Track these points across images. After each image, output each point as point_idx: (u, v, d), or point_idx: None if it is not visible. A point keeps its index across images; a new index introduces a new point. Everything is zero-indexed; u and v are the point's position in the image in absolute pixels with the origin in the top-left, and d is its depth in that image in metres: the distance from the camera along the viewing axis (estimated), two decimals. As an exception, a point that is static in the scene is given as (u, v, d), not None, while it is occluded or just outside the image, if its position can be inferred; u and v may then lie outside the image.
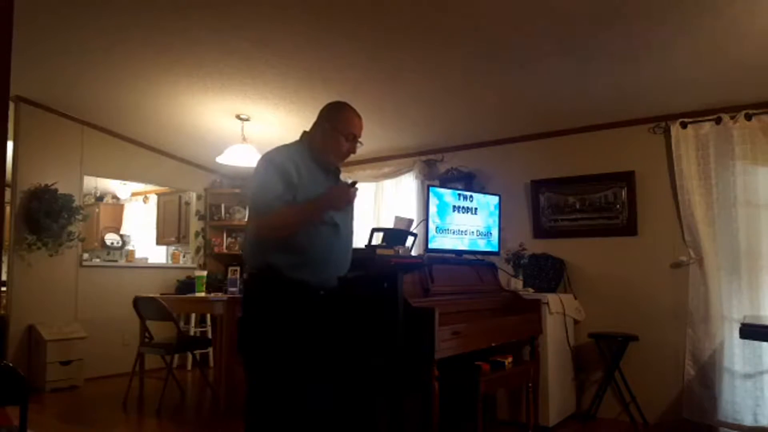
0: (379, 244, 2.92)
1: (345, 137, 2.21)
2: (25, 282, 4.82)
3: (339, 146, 2.22)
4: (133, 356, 4.47)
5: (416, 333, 2.51)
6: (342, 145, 2.22)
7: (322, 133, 2.22)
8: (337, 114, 2.25)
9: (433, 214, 3.44)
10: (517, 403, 3.71)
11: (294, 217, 2.05)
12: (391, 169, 5.35)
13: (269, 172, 2.06)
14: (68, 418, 4.06)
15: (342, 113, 2.25)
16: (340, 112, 2.26)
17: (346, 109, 2.27)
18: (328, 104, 2.30)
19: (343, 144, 2.22)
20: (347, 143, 2.23)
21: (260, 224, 2.06)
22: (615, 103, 3.94)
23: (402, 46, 3.38)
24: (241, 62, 3.72)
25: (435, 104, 4.26)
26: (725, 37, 2.98)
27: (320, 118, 2.26)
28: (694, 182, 3.82)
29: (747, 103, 3.68)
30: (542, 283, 4.23)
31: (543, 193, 4.51)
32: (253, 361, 2.09)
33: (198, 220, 6.48)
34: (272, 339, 2.03)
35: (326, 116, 2.25)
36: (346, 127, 2.22)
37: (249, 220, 2.16)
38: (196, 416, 4.29)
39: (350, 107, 2.28)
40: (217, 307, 4.26)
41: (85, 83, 4.38)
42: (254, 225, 2.09)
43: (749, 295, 3.60)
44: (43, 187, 4.88)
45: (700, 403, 3.68)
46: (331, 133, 2.20)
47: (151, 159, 5.85)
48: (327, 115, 2.25)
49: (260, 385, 2.07)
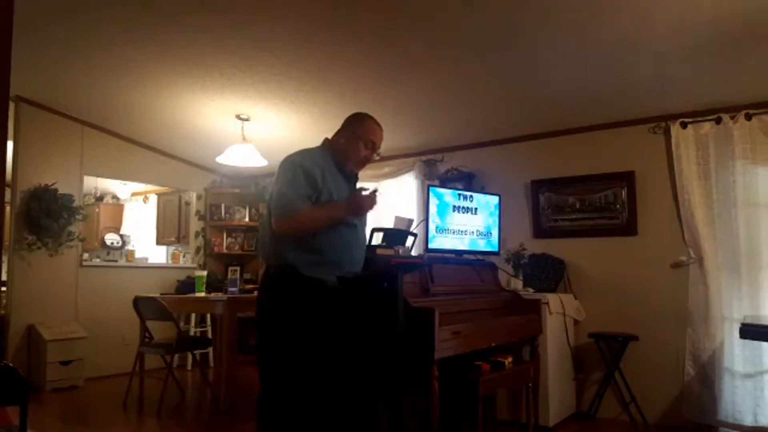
0: (379, 244, 2.92)
1: (364, 143, 2.34)
2: (25, 282, 4.82)
3: (357, 152, 2.34)
4: (133, 356, 4.47)
5: (416, 333, 2.51)
6: (360, 151, 2.34)
7: (345, 140, 2.35)
8: (360, 122, 2.39)
9: (433, 214, 3.44)
10: (517, 403, 3.70)
11: (320, 218, 2.17)
12: (391, 169, 5.35)
13: (297, 173, 2.16)
14: (68, 418, 4.06)
15: (364, 121, 2.39)
16: (362, 120, 2.40)
17: (367, 119, 2.41)
18: (352, 114, 2.43)
19: (362, 150, 2.34)
20: (365, 150, 2.35)
21: (285, 222, 2.14)
22: (615, 103, 3.95)
23: (402, 46, 3.38)
24: (241, 62, 3.72)
25: (435, 104, 4.26)
26: (724, 35, 2.98)
27: (343, 127, 2.40)
28: (694, 182, 3.82)
29: (747, 103, 3.68)
30: (542, 283, 4.23)
31: (543, 193, 4.51)
32: (268, 357, 2.17)
33: (198, 220, 6.49)
34: (290, 335, 2.11)
35: (349, 124, 2.39)
36: (366, 134, 2.35)
37: (271, 217, 2.21)
38: (196, 416, 4.29)
39: (372, 118, 2.42)
40: (217, 307, 4.26)
41: (85, 83, 4.38)
42: (278, 222, 2.15)
43: (749, 295, 3.60)
44: (43, 187, 4.88)
45: (700, 403, 3.68)
46: (353, 139, 2.34)
47: (151, 159, 5.85)
48: (350, 123, 2.39)
49: (274, 381, 2.14)
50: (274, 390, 2.16)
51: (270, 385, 2.18)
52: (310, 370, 2.10)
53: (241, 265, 6.43)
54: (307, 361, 2.10)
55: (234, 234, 6.53)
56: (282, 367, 2.13)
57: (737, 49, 3.07)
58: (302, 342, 2.10)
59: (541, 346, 3.60)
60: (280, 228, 2.15)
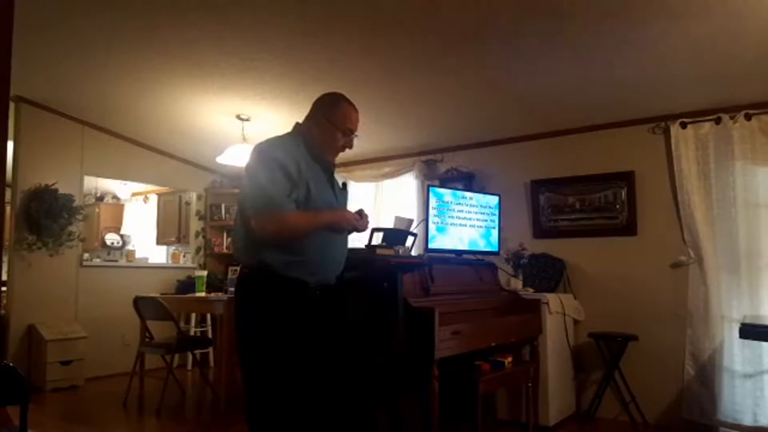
0: (379, 244, 2.92)
1: (342, 132, 2.15)
2: (25, 282, 4.82)
3: (334, 141, 2.15)
4: (133, 356, 4.47)
5: (416, 333, 2.51)
6: (338, 141, 2.15)
7: (318, 126, 2.14)
8: (334, 108, 2.16)
9: (432, 214, 3.44)
10: (517, 403, 3.71)
11: (305, 226, 2.00)
12: (391, 169, 5.35)
13: (272, 168, 1.96)
14: (69, 417, 4.06)
15: (338, 107, 2.16)
16: (336, 105, 2.16)
17: (342, 103, 2.18)
18: (322, 95, 2.20)
19: (339, 139, 2.15)
20: (343, 138, 2.16)
21: (266, 222, 1.95)
22: (615, 103, 3.95)
23: (402, 46, 3.38)
24: (241, 62, 3.72)
25: (435, 104, 4.26)
26: (724, 36, 2.99)
27: (314, 111, 2.18)
28: (694, 182, 3.82)
29: (747, 103, 3.68)
30: (542, 283, 4.24)
31: (543, 193, 4.52)
32: (249, 360, 2.04)
33: (198, 220, 6.49)
34: (268, 338, 1.98)
35: (321, 109, 2.16)
36: (343, 122, 2.14)
37: (244, 216, 2.03)
38: (196, 416, 4.29)
39: (346, 100, 2.20)
40: (217, 307, 4.27)
41: (86, 83, 4.39)
42: (258, 222, 1.96)
43: (749, 295, 3.60)
44: (43, 187, 4.88)
45: (699, 403, 3.68)
46: (327, 127, 2.13)
47: (151, 159, 5.85)
48: (322, 108, 2.16)
49: (257, 385, 2.03)
50: (258, 396, 2.03)
51: (253, 391, 2.03)
52: (303, 375, 1.99)
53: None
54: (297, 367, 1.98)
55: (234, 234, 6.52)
56: (271, 375, 1.99)
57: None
58: (289, 346, 1.97)
59: (541, 346, 3.61)
60: (261, 228, 1.95)
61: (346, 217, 2.14)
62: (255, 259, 2.01)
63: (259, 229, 1.96)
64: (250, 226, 1.99)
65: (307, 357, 2.01)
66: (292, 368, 1.99)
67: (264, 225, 1.96)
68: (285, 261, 1.99)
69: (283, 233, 1.98)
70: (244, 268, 2.09)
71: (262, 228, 1.96)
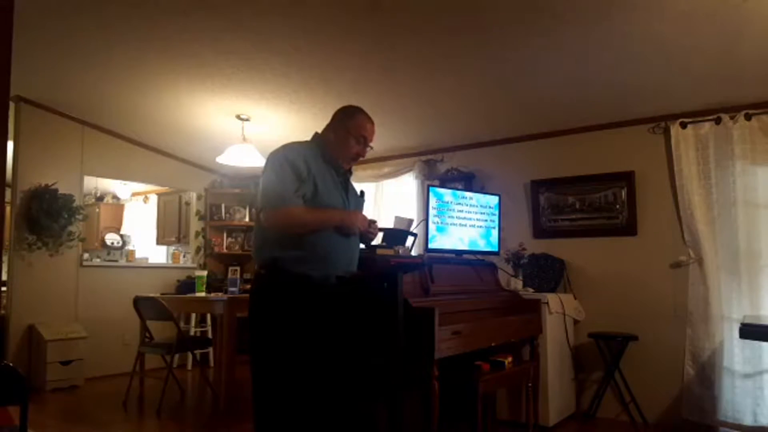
0: (379, 244, 2.92)
1: (356, 139, 2.29)
2: (25, 282, 4.82)
3: (348, 148, 2.29)
4: (133, 356, 4.47)
5: (416, 333, 2.51)
6: (351, 147, 2.29)
7: (335, 135, 2.29)
8: (350, 117, 2.32)
9: (432, 214, 3.44)
10: (517, 403, 3.71)
11: (312, 220, 2.12)
12: (391, 169, 5.35)
13: (284, 167, 2.11)
14: (68, 418, 4.06)
15: (355, 116, 2.33)
16: (353, 115, 2.33)
17: (358, 113, 2.34)
18: (342, 108, 2.37)
19: (353, 146, 2.29)
20: (357, 146, 2.30)
21: (274, 215, 2.10)
22: (615, 103, 3.95)
23: (401, 46, 3.38)
24: (241, 62, 3.72)
25: (435, 104, 4.26)
26: (724, 36, 2.99)
27: (333, 120, 2.34)
28: (694, 182, 3.82)
29: (747, 103, 3.69)
30: (542, 283, 4.24)
31: (543, 193, 4.52)
32: (258, 356, 2.13)
33: (198, 220, 6.49)
34: (277, 334, 2.08)
35: (339, 119, 2.33)
36: (357, 130, 2.29)
37: (258, 216, 2.17)
38: (196, 416, 4.29)
39: (363, 112, 2.36)
40: (217, 307, 4.26)
41: (86, 83, 4.38)
42: (267, 215, 2.11)
43: (749, 295, 3.60)
44: (43, 187, 4.88)
45: (699, 403, 3.68)
46: (342, 134, 2.28)
47: (151, 159, 5.85)
48: (340, 118, 2.33)
49: (266, 381, 2.11)
50: (265, 392, 2.11)
51: (261, 388, 2.13)
52: (303, 372, 2.06)
53: (241, 265, 6.41)
54: (298, 363, 2.06)
55: (234, 234, 6.53)
56: (273, 370, 2.08)
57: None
58: (291, 342, 2.06)
59: (541, 345, 3.60)
60: (269, 221, 2.11)
61: (359, 218, 2.26)
62: (267, 257, 2.14)
63: (267, 222, 2.12)
64: (262, 225, 2.14)
65: (312, 353, 2.07)
66: (297, 363, 2.06)
67: (272, 219, 2.11)
68: (292, 256, 2.10)
69: (290, 226, 2.11)
70: (258, 268, 2.20)
71: (270, 222, 2.11)
